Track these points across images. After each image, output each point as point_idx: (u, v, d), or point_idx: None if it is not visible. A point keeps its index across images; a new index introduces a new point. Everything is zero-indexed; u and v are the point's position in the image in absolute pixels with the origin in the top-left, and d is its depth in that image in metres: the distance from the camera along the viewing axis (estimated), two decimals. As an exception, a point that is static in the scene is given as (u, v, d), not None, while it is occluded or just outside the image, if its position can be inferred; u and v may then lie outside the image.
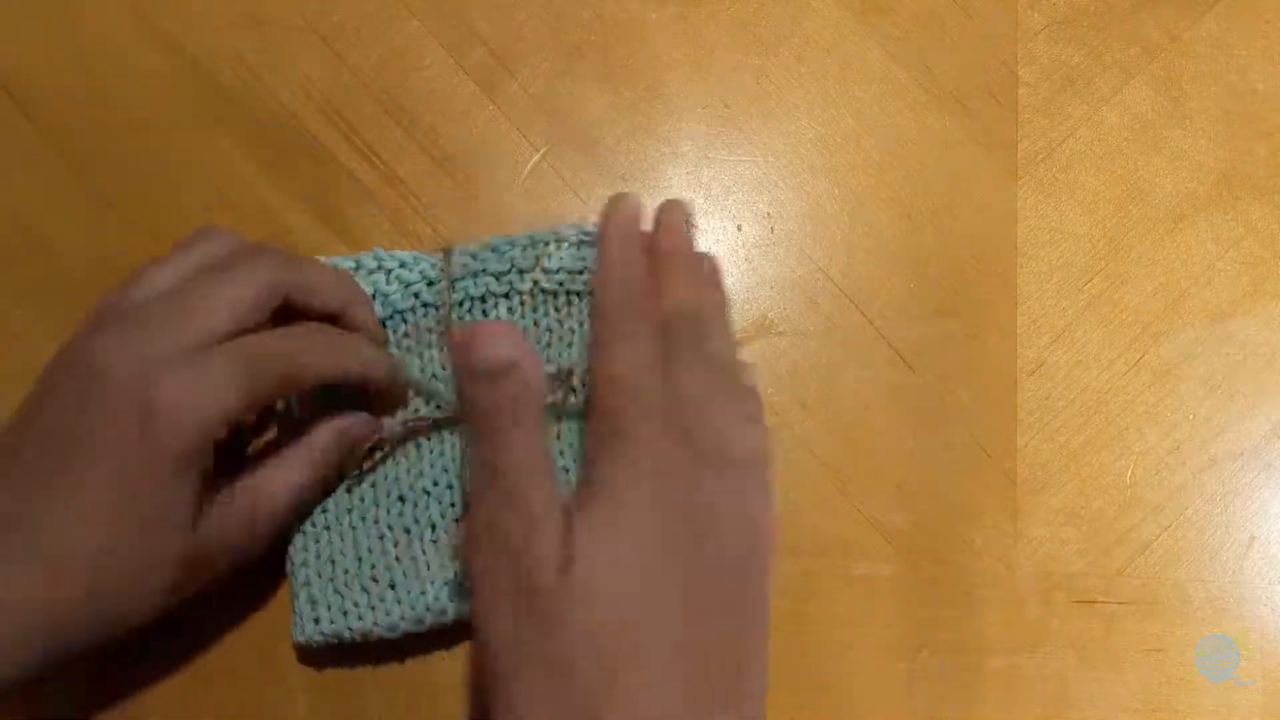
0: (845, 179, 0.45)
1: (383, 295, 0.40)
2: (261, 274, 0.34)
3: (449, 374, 0.39)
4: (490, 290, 0.40)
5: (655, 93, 0.45)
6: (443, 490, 0.38)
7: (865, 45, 0.46)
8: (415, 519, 0.38)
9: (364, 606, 0.37)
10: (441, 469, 0.39)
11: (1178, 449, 0.44)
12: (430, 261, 0.41)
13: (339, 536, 0.38)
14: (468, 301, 0.40)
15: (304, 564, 0.38)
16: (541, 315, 0.40)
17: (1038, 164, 0.46)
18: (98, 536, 0.31)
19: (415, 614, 0.37)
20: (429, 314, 0.40)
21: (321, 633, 0.37)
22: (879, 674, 0.41)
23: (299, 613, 0.38)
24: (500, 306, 0.40)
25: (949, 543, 0.42)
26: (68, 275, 0.42)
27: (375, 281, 0.40)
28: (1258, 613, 0.42)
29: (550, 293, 0.40)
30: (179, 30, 0.44)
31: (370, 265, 0.40)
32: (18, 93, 0.43)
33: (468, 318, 0.40)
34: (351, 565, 0.38)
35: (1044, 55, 0.47)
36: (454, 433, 0.39)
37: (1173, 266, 0.45)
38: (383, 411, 0.39)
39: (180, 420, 0.31)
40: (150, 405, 0.30)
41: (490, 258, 0.40)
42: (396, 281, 0.40)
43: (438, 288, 0.40)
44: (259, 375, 0.33)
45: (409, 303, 0.40)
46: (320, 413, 0.37)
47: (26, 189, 0.43)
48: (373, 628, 0.37)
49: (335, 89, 0.44)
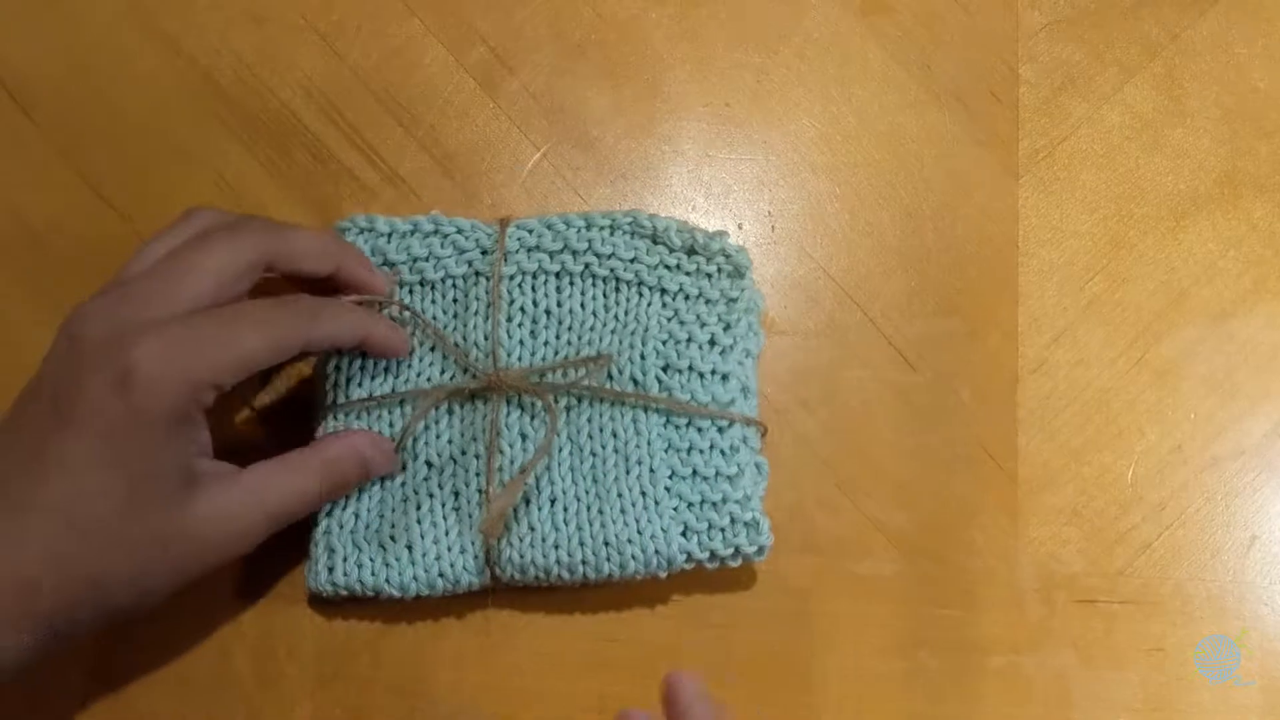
0: (846, 178, 0.45)
1: (436, 259, 0.41)
2: (245, 241, 0.34)
3: (490, 344, 0.40)
4: (543, 267, 0.41)
5: (655, 91, 0.45)
6: (470, 459, 0.39)
7: (865, 44, 0.46)
8: (440, 485, 0.39)
9: (379, 564, 0.38)
10: (471, 438, 0.39)
11: (1179, 448, 0.44)
12: (487, 231, 0.41)
13: (363, 492, 0.39)
14: (520, 275, 0.41)
15: (326, 513, 0.38)
16: (589, 299, 0.41)
17: (1038, 163, 0.46)
18: (87, 502, 0.31)
19: (429, 578, 0.38)
20: (480, 283, 0.41)
21: (334, 583, 0.38)
22: (879, 673, 0.41)
23: (315, 560, 0.38)
24: (550, 284, 0.41)
25: (949, 542, 0.42)
26: (68, 274, 0.42)
27: (430, 245, 0.41)
28: (1258, 612, 0.42)
29: (600, 277, 0.41)
30: (179, 30, 0.44)
31: (427, 228, 0.41)
32: (18, 93, 0.43)
33: (518, 292, 0.41)
34: (373, 522, 0.38)
35: (1045, 54, 0.47)
36: (486, 402, 0.39)
37: (1174, 265, 0.45)
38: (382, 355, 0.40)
39: (158, 381, 0.31)
40: (128, 366, 0.31)
41: (546, 235, 0.41)
42: (451, 247, 0.41)
43: (491, 258, 0.41)
44: (241, 339, 0.33)
45: (462, 269, 0.41)
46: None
47: (26, 188, 0.43)
48: (385, 585, 0.37)
49: (335, 87, 0.44)
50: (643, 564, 0.38)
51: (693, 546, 0.38)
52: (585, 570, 0.38)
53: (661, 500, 0.38)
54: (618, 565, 0.38)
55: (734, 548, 0.38)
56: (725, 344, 0.40)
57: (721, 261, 0.41)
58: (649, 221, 0.41)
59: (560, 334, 0.40)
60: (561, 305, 0.41)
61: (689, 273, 0.41)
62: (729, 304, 0.41)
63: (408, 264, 0.41)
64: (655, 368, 0.40)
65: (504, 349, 0.40)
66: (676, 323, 0.41)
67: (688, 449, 0.39)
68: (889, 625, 0.41)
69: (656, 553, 0.38)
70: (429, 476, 0.39)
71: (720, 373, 0.40)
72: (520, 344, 0.40)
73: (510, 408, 0.39)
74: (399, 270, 0.40)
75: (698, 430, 0.39)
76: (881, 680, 0.41)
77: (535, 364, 0.40)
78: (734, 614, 0.41)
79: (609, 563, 0.38)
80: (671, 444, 0.39)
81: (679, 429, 0.39)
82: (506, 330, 0.40)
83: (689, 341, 0.40)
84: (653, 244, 0.41)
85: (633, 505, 0.38)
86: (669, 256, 0.41)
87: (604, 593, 0.40)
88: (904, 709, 0.41)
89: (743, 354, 0.41)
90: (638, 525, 0.38)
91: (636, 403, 0.39)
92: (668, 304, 0.41)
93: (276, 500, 0.35)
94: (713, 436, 0.39)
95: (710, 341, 0.40)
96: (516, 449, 0.39)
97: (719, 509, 0.39)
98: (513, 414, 0.39)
